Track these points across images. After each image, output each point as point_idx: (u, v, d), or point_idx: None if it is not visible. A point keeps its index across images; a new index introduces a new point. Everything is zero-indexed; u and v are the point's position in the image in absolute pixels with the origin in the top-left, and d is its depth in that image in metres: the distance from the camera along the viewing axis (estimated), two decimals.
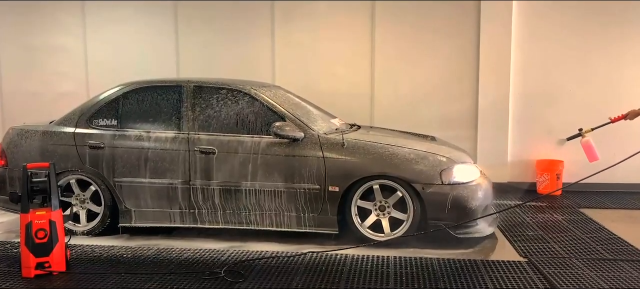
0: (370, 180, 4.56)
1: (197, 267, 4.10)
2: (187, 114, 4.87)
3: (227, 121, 4.82)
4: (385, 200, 4.59)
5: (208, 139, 4.77)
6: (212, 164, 4.72)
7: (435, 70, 7.15)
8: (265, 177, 4.65)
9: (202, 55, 7.43)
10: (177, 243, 4.70)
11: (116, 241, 4.80)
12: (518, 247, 4.55)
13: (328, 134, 4.77)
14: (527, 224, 5.30)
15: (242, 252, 4.43)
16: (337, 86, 7.26)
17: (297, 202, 4.66)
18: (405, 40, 7.16)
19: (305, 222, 4.71)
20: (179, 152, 4.78)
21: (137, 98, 5.00)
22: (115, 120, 4.97)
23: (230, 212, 4.79)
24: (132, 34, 7.54)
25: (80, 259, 4.30)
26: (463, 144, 6.76)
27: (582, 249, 4.49)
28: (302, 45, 7.30)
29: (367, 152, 4.58)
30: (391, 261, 4.18)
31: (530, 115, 7.03)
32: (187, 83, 4.98)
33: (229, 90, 4.91)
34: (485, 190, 4.69)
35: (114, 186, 4.88)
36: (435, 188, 4.47)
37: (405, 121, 6.89)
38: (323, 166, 4.59)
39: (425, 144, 4.89)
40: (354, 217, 4.64)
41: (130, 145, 4.85)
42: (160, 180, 4.81)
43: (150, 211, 4.90)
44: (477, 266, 4.09)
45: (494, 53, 6.92)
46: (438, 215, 4.49)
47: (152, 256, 4.38)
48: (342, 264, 4.13)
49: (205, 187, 4.75)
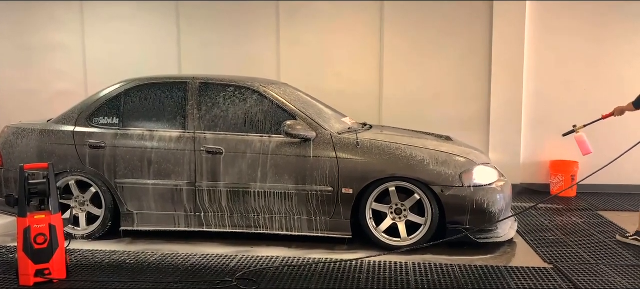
0: (385, 182, 4.34)
1: (205, 274, 3.87)
2: (192, 112, 4.64)
3: (234, 119, 4.58)
4: (401, 203, 4.37)
5: (215, 138, 4.54)
6: (219, 165, 4.49)
7: (446, 69, 6.94)
8: (275, 178, 4.43)
9: (205, 54, 7.19)
10: (182, 248, 4.47)
11: (117, 245, 4.56)
12: (541, 252, 4.33)
13: (341, 133, 4.54)
14: (546, 228, 5.08)
15: (251, 257, 4.19)
16: (343, 85, 7.04)
17: (308, 204, 4.43)
18: (415, 38, 6.94)
19: (317, 225, 4.48)
20: (184, 152, 4.54)
21: (140, 95, 4.76)
22: (116, 118, 4.73)
23: (238, 215, 4.56)
24: (132, 32, 7.28)
25: (80, 265, 4.06)
26: (474, 143, 6.56)
27: (608, 254, 4.28)
28: (308, 44, 7.07)
29: (382, 152, 4.36)
30: (410, 268, 3.95)
31: (544, 115, 6.82)
32: (193, 80, 4.75)
33: (236, 87, 4.68)
34: (505, 192, 4.48)
35: (115, 188, 4.64)
36: (454, 190, 4.25)
37: (414, 121, 6.65)
38: (336, 167, 4.36)
39: (443, 144, 4.67)
40: (369, 221, 4.41)
41: (133, 144, 4.61)
42: (164, 181, 4.57)
43: (154, 213, 4.67)
44: (501, 272, 3.87)
45: (507, 52, 6.71)
46: (457, 219, 4.28)
47: (156, 261, 4.14)
48: (358, 271, 3.90)
49: (211, 189, 4.52)
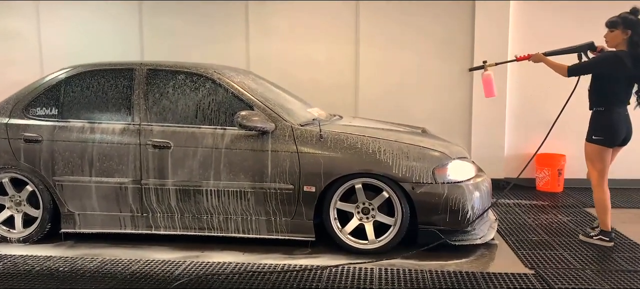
0: (351, 178, 3.92)
1: (145, 283, 3.44)
2: (139, 103, 4.18)
3: (185, 110, 4.14)
4: (369, 202, 3.95)
5: (162, 131, 4.09)
6: (167, 161, 4.05)
7: (426, 58, 6.52)
8: (230, 176, 3.99)
9: (169, 41, 6.71)
10: (126, 253, 4.02)
11: (56, 250, 4.11)
12: (522, 255, 3.93)
13: (304, 125, 4.11)
14: (530, 227, 4.69)
15: (201, 264, 3.76)
16: (318, 75, 6.61)
17: (267, 204, 4.01)
18: (394, 25, 6.51)
19: (277, 227, 4.06)
20: (128, 147, 4.09)
21: (82, 84, 4.29)
22: (56, 109, 4.27)
23: (190, 216, 4.12)
24: (92, 20, 6.78)
25: (8, 273, 3.61)
26: (456, 137, 6.18)
27: (596, 258, 3.89)
28: (280, 32, 6.62)
29: (348, 146, 3.94)
30: (375, 275, 3.54)
31: (529, 106, 6.43)
32: (141, 66, 4.29)
33: (188, 74, 4.23)
34: (484, 190, 4.07)
35: (54, 186, 4.19)
36: (427, 188, 3.84)
37: (393, 113, 6.27)
38: (297, 163, 3.93)
39: (416, 138, 4.25)
40: (333, 221, 3.99)
41: (73, 138, 4.16)
42: (107, 179, 4.12)
43: (98, 215, 4.22)
44: (476, 279, 3.47)
45: (490, 41, 6.30)
46: (430, 219, 3.87)
47: (94, 268, 3.70)
48: (316, 279, 3.48)
49: (159, 187, 4.08)
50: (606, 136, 4.03)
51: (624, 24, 3.92)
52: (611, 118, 4.01)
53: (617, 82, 3.98)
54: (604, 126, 4.03)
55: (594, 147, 4.08)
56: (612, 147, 4.08)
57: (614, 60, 3.96)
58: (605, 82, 4.01)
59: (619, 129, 4.02)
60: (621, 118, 4.03)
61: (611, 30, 4.00)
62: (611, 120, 4.01)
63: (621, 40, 3.95)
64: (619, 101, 4.02)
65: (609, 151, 4.07)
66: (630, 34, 3.90)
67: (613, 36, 3.99)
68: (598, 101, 4.08)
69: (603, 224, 4.17)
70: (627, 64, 3.91)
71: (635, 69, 3.92)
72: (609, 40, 4.04)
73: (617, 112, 4.01)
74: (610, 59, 4.00)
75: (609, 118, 4.02)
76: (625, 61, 3.91)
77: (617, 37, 3.96)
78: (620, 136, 4.05)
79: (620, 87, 3.99)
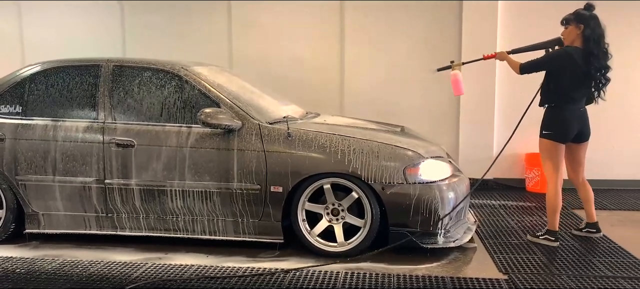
0: (320, 178, 3.78)
1: (101, 285, 3.31)
2: (103, 100, 4.06)
3: (150, 107, 4.01)
4: (338, 203, 3.81)
5: (125, 129, 3.96)
6: (130, 160, 3.92)
7: (413, 55, 6.36)
8: (195, 175, 3.86)
9: (150, 37, 6.61)
10: (87, 254, 3.90)
11: (17, 251, 4.01)
12: (498, 259, 3.77)
13: (272, 123, 3.97)
14: (512, 230, 4.52)
15: (161, 266, 3.63)
16: (303, 74, 6.47)
17: (233, 205, 3.87)
18: (379, 24, 6.35)
19: (245, 229, 3.92)
20: (92, 146, 3.98)
21: (47, 81, 4.18)
22: (19, 107, 4.16)
23: (155, 217, 4.00)
24: (74, 18, 6.70)
25: None
26: (443, 136, 6.02)
27: (576, 263, 3.71)
28: (263, 27, 6.49)
29: (317, 145, 3.79)
30: (340, 279, 3.39)
31: (518, 104, 6.17)
32: (107, 63, 4.17)
33: (154, 71, 4.10)
34: (459, 190, 3.91)
35: (17, 186, 4.08)
36: (397, 188, 3.68)
37: (380, 112, 6.10)
38: (264, 162, 3.80)
39: (393, 137, 4.09)
40: (302, 223, 3.85)
41: (37, 136, 4.05)
42: (71, 178, 4.01)
43: (62, 215, 4.10)
44: (446, 284, 3.31)
45: (478, 37, 6.12)
46: (402, 221, 3.72)
47: (52, 270, 3.58)
48: (278, 284, 3.34)
49: (123, 187, 3.95)
50: (555, 130, 3.99)
51: (576, 19, 3.90)
52: (562, 114, 3.97)
53: (568, 79, 3.90)
54: (554, 122, 3.99)
55: (545, 142, 4.04)
56: (564, 143, 4.02)
57: (564, 57, 3.91)
58: (556, 79, 3.96)
59: (570, 125, 3.97)
60: (573, 115, 3.98)
61: (566, 26, 3.98)
62: (562, 116, 3.97)
63: (575, 35, 3.92)
64: (569, 98, 3.96)
65: (561, 147, 4.01)
66: (583, 29, 3.85)
67: (568, 33, 3.97)
68: (549, 97, 4.05)
69: (550, 223, 4.10)
70: (577, 60, 3.85)
71: (586, 66, 3.85)
72: (565, 37, 4.01)
73: (570, 109, 3.97)
74: (560, 55, 3.95)
75: (559, 114, 3.98)
76: (575, 58, 3.86)
77: (572, 33, 3.93)
78: (571, 132, 3.99)
79: (571, 83, 3.91)
